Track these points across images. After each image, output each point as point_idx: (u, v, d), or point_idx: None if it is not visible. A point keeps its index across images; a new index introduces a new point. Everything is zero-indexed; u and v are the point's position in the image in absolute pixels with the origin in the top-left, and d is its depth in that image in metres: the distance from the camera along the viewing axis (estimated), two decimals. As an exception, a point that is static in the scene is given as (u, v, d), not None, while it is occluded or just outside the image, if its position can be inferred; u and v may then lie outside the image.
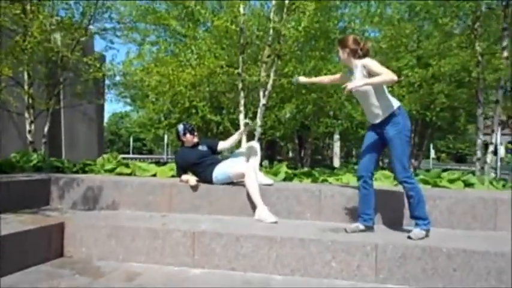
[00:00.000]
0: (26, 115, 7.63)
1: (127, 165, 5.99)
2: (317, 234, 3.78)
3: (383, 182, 5.23)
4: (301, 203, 4.50)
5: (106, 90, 10.85)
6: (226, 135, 5.20)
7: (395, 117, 3.69)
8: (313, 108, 10.86)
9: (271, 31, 6.93)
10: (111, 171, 5.92)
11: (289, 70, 7.45)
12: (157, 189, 4.85)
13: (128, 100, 11.42)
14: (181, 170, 4.96)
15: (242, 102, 7.08)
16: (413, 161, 13.71)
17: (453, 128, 14.42)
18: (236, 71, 7.19)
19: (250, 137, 7.23)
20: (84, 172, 5.99)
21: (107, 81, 10.61)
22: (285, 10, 6.68)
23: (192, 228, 3.90)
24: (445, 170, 6.21)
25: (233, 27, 6.62)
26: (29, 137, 7.64)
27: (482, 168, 7.36)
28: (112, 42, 8.06)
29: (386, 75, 3.52)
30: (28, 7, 6.76)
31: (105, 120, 40.67)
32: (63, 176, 5.30)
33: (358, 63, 3.74)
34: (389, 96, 3.75)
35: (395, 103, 3.74)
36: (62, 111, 12.00)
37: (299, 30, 6.38)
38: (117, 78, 8.62)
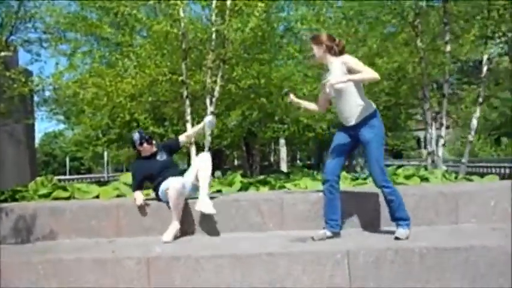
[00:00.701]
0: None
1: (64, 188, 5.38)
2: (284, 246, 3.52)
3: (342, 183, 5.08)
4: (262, 213, 4.21)
5: (36, 108, 9.95)
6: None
7: (373, 119, 3.54)
8: (259, 114, 10.70)
9: (213, 35, 6.63)
10: (46, 196, 5.27)
11: (237, 74, 7.18)
12: (101, 212, 4.35)
13: (61, 117, 10.56)
14: (138, 184, 4.40)
15: (188, 111, 6.70)
16: (360, 160, 13.99)
17: (395, 125, 14.94)
18: (180, 78, 6.79)
19: (200, 147, 6.86)
20: (14, 200, 5.29)
21: (36, 98, 9.74)
22: (227, 12, 6.41)
23: (146, 253, 3.50)
24: (399, 167, 6.23)
25: (174, 30, 6.23)
26: None
27: (433, 161, 7.54)
28: (38, 55, 7.32)
29: (368, 72, 3.36)
30: None
31: (37, 140, 38.11)
32: (-13, 207, 4.62)
33: (335, 61, 3.55)
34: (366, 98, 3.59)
35: (373, 105, 3.59)
36: (-15, 133, 10.83)
37: (246, 32, 6.14)
38: (47, 93, 7.84)
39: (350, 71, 3.43)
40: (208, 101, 6.96)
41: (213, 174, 6.33)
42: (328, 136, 16.48)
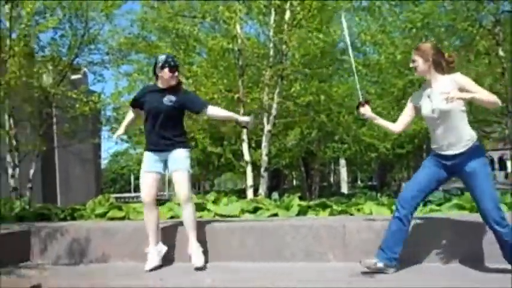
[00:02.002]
0: (9, 159, 7.05)
1: (120, 208, 5.32)
2: (347, 281, 3.09)
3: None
4: (322, 241, 3.81)
5: (103, 127, 10.32)
6: (228, 167, 4.55)
7: (479, 148, 3.08)
8: (319, 133, 10.35)
9: (271, 51, 6.43)
10: (102, 215, 5.24)
11: (295, 91, 6.88)
12: (153, 235, 4.17)
13: (124, 136, 10.88)
14: (133, 101, 3.87)
15: (245, 130, 6.48)
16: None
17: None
18: (236, 96, 6.64)
19: (257, 166, 6.60)
20: (73, 218, 5.32)
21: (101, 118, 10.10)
22: (286, 26, 6.18)
23: (196, 283, 3.23)
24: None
25: (230, 46, 6.12)
26: (12, 183, 7.03)
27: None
28: (101, 75, 7.58)
29: (488, 94, 2.93)
30: (8, 42, 6.38)
31: (107, 158, 40.21)
32: (45, 225, 4.64)
33: (441, 78, 3.11)
34: None
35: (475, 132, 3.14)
36: (56, 152, 11.46)
37: (306, 46, 5.83)
38: (108, 113, 8.09)
39: (462, 91, 2.96)
40: (265, 120, 6.72)
41: (269, 196, 6.01)
42: (392, 156, 15.66)
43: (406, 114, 3.36)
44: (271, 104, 6.60)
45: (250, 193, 7.11)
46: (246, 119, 3.75)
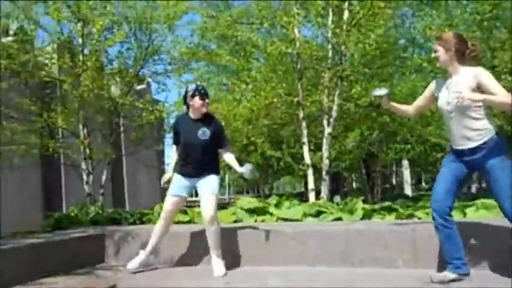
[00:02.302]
0: (83, 166, 7.57)
1: (185, 212, 5.51)
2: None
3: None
4: (390, 247, 3.68)
5: (166, 134, 10.75)
6: (288, 171, 4.55)
7: (497, 142, 2.88)
8: (380, 134, 10.04)
9: (330, 52, 6.35)
10: (169, 219, 5.45)
11: (356, 92, 6.74)
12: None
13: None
14: (176, 140, 3.91)
15: (304, 133, 6.46)
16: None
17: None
18: (295, 100, 6.63)
19: (317, 169, 6.53)
20: (142, 222, 5.60)
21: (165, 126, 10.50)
22: (345, 27, 6.08)
23: (262, 285, 3.25)
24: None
25: (289, 50, 6.13)
26: (87, 189, 7.54)
27: None
28: (164, 85, 7.97)
29: (506, 96, 2.74)
30: (80, 57, 6.89)
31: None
32: (117, 229, 4.91)
33: (463, 70, 2.97)
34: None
35: (493, 127, 2.95)
36: (123, 159, 12.07)
37: (367, 45, 5.70)
38: (171, 121, 8.45)
39: (480, 87, 2.82)
40: (325, 122, 6.64)
41: (331, 199, 5.93)
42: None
43: (422, 99, 3.27)
44: (332, 106, 6.52)
45: (312, 196, 7.06)
46: (242, 169, 3.74)
